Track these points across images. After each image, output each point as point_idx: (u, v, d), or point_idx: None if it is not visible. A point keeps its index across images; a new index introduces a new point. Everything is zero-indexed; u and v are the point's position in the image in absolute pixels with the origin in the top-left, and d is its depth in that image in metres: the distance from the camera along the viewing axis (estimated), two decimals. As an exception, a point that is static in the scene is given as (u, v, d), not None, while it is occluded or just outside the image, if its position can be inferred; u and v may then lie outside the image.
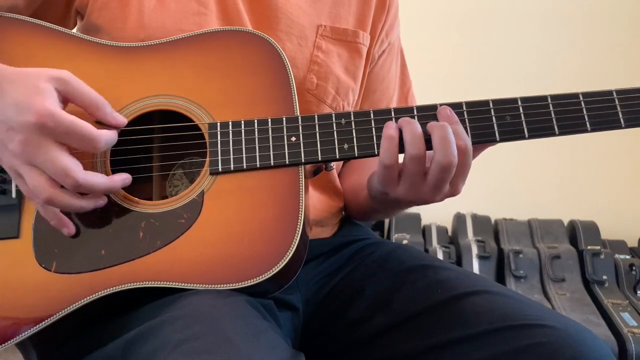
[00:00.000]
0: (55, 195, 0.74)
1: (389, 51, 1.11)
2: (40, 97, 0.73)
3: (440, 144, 0.79)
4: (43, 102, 0.72)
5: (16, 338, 0.76)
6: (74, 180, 0.73)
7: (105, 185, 0.77)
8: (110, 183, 0.78)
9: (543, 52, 2.53)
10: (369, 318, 0.91)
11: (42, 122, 0.71)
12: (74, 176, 0.73)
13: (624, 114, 0.84)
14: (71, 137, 0.73)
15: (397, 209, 1.03)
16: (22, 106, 0.72)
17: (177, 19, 0.92)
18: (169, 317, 0.69)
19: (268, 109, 0.85)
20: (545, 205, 2.44)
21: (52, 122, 0.72)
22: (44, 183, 0.74)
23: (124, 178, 0.80)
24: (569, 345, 0.76)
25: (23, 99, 0.73)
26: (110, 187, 0.78)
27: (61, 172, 0.73)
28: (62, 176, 0.73)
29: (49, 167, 0.73)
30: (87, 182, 0.74)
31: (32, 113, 0.71)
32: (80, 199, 0.77)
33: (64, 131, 0.72)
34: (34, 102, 0.72)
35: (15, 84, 0.74)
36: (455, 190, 0.84)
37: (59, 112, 0.73)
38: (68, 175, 0.73)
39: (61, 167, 0.73)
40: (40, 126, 0.72)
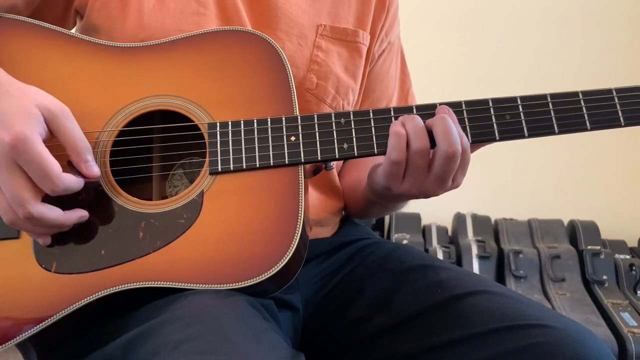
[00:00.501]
0: (15, 220, 0.75)
1: (388, 50, 1.11)
2: (24, 120, 0.73)
3: (442, 134, 0.80)
4: (23, 126, 0.72)
5: (16, 338, 0.76)
6: (26, 211, 0.73)
7: (58, 221, 0.76)
8: (63, 219, 0.77)
9: (542, 52, 2.53)
10: (369, 318, 0.91)
11: (14, 144, 0.71)
12: (27, 208, 0.73)
13: (624, 112, 0.84)
14: (32, 167, 0.72)
15: (398, 203, 1.03)
16: (4, 123, 0.72)
17: (177, 19, 0.93)
18: (169, 317, 0.69)
19: (267, 108, 0.85)
20: (545, 205, 2.44)
21: (21, 146, 0.72)
22: (5, 206, 0.74)
23: (81, 216, 0.79)
24: (569, 345, 0.76)
25: (8, 116, 0.73)
26: (64, 223, 0.77)
27: (16, 201, 0.73)
28: (16, 204, 0.73)
29: (8, 192, 0.73)
30: (41, 215, 0.74)
31: (10, 132, 0.72)
32: (37, 227, 0.76)
33: (27, 159, 0.72)
34: (16, 123, 0.72)
35: (10, 98, 0.75)
36: (456, 184, 0.85)
37: (33, 140, 0.72)
38: (22, 205, 0.73)
39: (17, 196, 0.73)
40: (11, 147, 0.71)
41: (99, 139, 0.85)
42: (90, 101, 0.87)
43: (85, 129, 0.83)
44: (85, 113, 0.84)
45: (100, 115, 0.86)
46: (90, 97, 0.87)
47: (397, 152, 0.81)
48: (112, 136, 0.85)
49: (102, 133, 0.85)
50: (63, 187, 0.74)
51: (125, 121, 0.85)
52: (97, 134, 0.85)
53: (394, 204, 1.04)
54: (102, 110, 0.86)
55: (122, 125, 0.85)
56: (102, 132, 0.85)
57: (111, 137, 0.85)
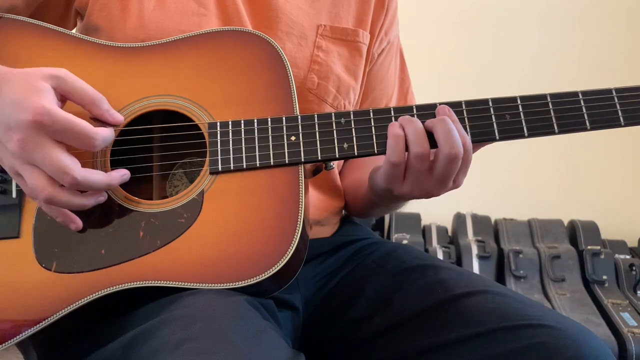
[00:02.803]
0: (54, 194, 0.74)
1: (388, 50, 1.11)
2: (37, 95, 0.73)
3: (444, 137, 0.80)
4: (40, 100, 0.72)
5: (16, 338, 0.76)
6: (72, 177, 0.73)
7: (103, 182, 0.77)
8: (108, 180, 0.77)
9: (542, 52, 2.53)
10: (369, 318, 0.92)
11: (39, 120, 0.71)
12: (72, 174, 0.73)
13: (624, 112, 0.84)
14: (68, 134, 0.73)
15: (399, 204, 1.04)
16: (19, 105, 0.72)
17: (177, 20, 0.93)
18: (169, 317, 0.69)
19: (268, 108, 0.85)
20: (545, 205, 2.43)
21: (48, 120, 0.72)
22: (43, 182, 0.74)
23: (123, 174, 0.80)
24: (569, 345, 0.76)
25: (20, 97, 0.73)
26: (109, 183, 0.78)
27: (59, 170, 0.73)
28: (60, 174, 0.73)
29: (47, 165, 0.73)
30: (85, 179, 0.74)
31: (29, 112, 0.71)
32: (80, 196, 0.76)
33: (60, 129, 0.72)
34: (31, 100, 0.72)
35: (12, 83, 0.74)
36: (457, 184, 0.85)
37: (56, 109, 0.73)
38: (66, 173, 0.73)
39: (59, 165, 0.72)
40: (37, 124, 0.71)
41: (100, 138, 0.84)
42: None
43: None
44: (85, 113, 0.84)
45: None
46: None
47: (397, 154, 0.81)
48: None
49: None
50: (102, 140, 0.75)
51: (125, 121, 0.85)
52: None
53: (395, 204, 1.04)
54: None
55: (123, 125, 0.85)
56: None
57: (112, 136, 0.85)
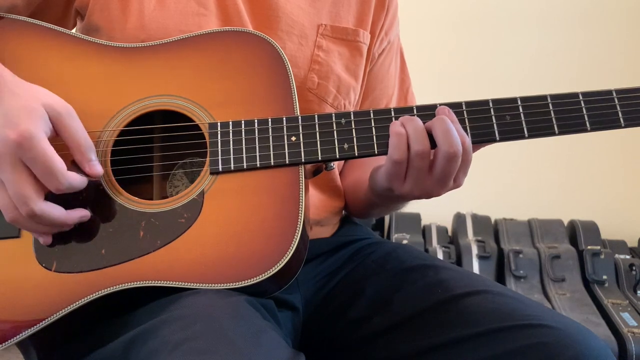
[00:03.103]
0: (17, 218, 0.75)
1: (388, 50, 1.11)
2: (30, 119, 0.73)
3: (442, 135, 0.80)
4: (29, 125, 0.72)
5: (16, 337, 0.76)
6: (30, 209, 0.73)
7: (60, 220, 0.76)
8: (65, 218, 0.77)
9: (542, 52, 2.53)
10: (369, 318, 0.92)
11: (20, 142, 0.71)
12: (31, 206, 0.73)
13: (624, 113, 0.84)
14: (38, 166, 0.73)
15: (399, 204, 1.04)
16: (10, 121, 0.72)
17: (177, 20, 0.93)
18: (169, 317, 0.69)
19: (268, 108, 0.85)
20: (545, 205, 2.43)
21: (27, 144, 0.72)
22: (8, 204, 0.74)
23: (82, 215, 0.79)
24: (569, 345, 0.76)
25: (14, 115, 0.73)
26: (66, 222, 0.77)
27: (20, 199, 0.73)
28: (20, 202, 0.73)
29: (10, 188, 0.73)
30: (42, 213, 0.74)
31: (15, 130, 0.72)
32: (39, 225, 0.76)
33: (32, 156, 0.72)
34: (22, 121, 0.72)
35: (15, 97, 0.75)
36: (458, 184, 0.85)
37: (39, 138, 0.72)
38: (25, 203, 0.73)
39: (21, 194, 0.73)
40: (17, 145, 0.72)
41: (100, 138, 0.85)
42: (92, 101, 0.87)
43: (87, 129, 0.83)
44: (86, 113, 0.84)
45: (102, 115, 0.86)
46: (91, 97, 0.87)
47: (399, 152, 0.81)
48: (113, 136, 0.85)
49: (103, 133, 0.85)
50: (67, 185, 0.75)
51: (126, 121, 0.85)
52: (98, 133, 0.85)
53: (395, 204, 1.04)
54: (103, 110, 0.86)
55: (123, 125, 0.85)
56: (103, 131, 0.85)
57: (112, 136, 0.85)
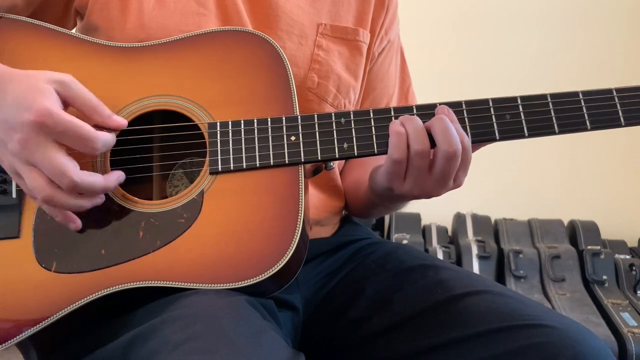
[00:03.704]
0: (53, 195, 0.75)
1: (388, 49, 1.11)
2: (41, 96, 0.73)
3: (442, 134, 0.80)
4: (43, 102, 0.72)
5: (16, 338, 0.76)
6: (70, 180, 0.73)
7: (101, 185, 0.77)
8: (105, 182, 0.78)
9: (542, 52, 2.53)
10: (369, 318, 0.91)
11: (41, 121, 0.72)
12: (70, 176, 0.73)
13: (624, 112, 0.84)
14: (69, 136, 0.73)
15: (399, 204, 1.03)
16: (22, 105, 0.72)
17: (177, 19, 0.93)
18: (169, 317, 0.69)
19: (268, 108, 0.85)
20: (545, 205, 2.43)
21: (50, 121, 0.72)
22: (42, 183, 0.74)
23: (118, 176, 0.80)
24: (569, 345, 0.76)
25: (23, 98, 0.73)
26: (106, 186, 0.78)
27: (58, 172, 0.73)
28: (58, 176, 0.73)
29: (46, 166, 0.73)
30: (83, 181, 0.74)
31: (32, 112, 0.72)
32: (78, 198, 0.77)
33: (62, 130, 0.72)
34: (34, 101, 0.72)
35: (16, 83, 0.75)
36: (458, 184, 0.85)
37: (58, 111, 0.73)
38: (64, 175, 0.73)
39: (58, 167, 0.73)
40: (39, 125, 0.72)
41: (99, 138, 0.84)
42: None
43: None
44: None
45: None
46: None
47: (399, 151, 0.81)
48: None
49: None
50: (102, 143, 0.76)
51: (125, 121, 0.85)
52: None
53: (395, 204, 1.04)
54: None
55: (123, 125, 0.85)
56: None
57: (111, 136, 0.85)
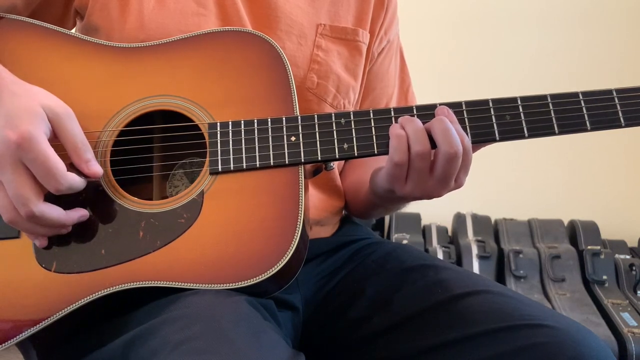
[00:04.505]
0: (15, 220, 0.75)
1: (388, 49, 1.11)
2: (30, 119, 0.73)
3: (442, 135, 0.80)
4: (29, 125, 0.72)
5: (16, 338, 0.76)
6: (28, 210, 0.73)
7: (60, 221, 0.76)
8: (65, 219, 0.77)
9: (542, 52, 2.53)
10: (369, 318, 0.91)
11: (20, 143, 0.72)
12: (29, 207, 0.73)
13: (624, 112, 0.84)
14: (37, 166, 0.73)
15: (400, 205, 1.03)
16: (10, 121, 0.73)
17: (177, 20, 0.93)
18: (169, 317, 0.69)
19: (268, 108, 0.85)
20: (545, 205, 2.43)
21: (27, 145, 0.72)
22: (7, 205, 0.74)
23: (81, 215, 0.79)
24: (569, 345, 0.76)
25: (14, 115, 0.73)
26: (65, 222, 0.77)
27: (19, 200, 0.73)
28: (19, 203, 0.73)
29: (10, 189, 0.73)
30: (42, 214, 0.74)
31: (16, 131, 0.72)
32: (38, 227, 0.76)
33: (32, 157, 0.72)
34: (21, 122, 0.72)
35: (15, 98, 0.75)
36: (459, 184, 0.85)
37: (40, 139, 0.73)
38: (24, 204, 0.73)
39: (20, 194, 0.73)
40: (17, 146, 0.72)
41: (100, 138, 0.85)
42: (91, 101, 0.87)
43: (86, 129, 0.83)
44: (86, 113, 0.84)
45: (101, 115, 0.86)
46: (91, 97, 0.87)
47: (400, 154, 0.81)
48: (113, 136, 0.85)
49: (103, 133, 0.85)
50: (67, 186, 0.75)
51: (125, 121, 0.85)
52: (98, 133, 0.85)
53: (396, 205, 1.04)
54: (102, 110, 0.86)
55: (123, 125, 0.85)
56: (103, 132, 0.85)
57: (112, 137, 0.85)
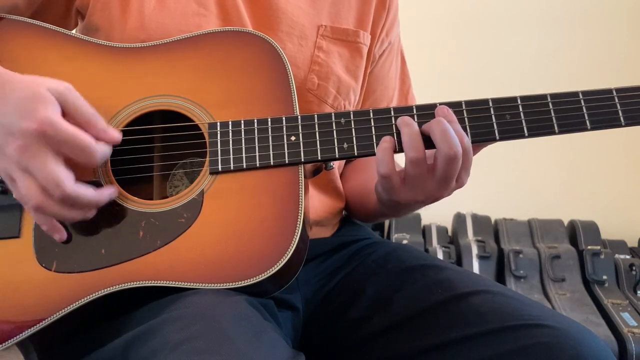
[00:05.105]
0: (44, 204, 0.75)
1: (389, 51, 1.11)
2: (43, 105, 0.73)
3: (441, 137, 0.80)
4: (45, 110, 0.72)
5: (16, 338, 0.76)
6: (62, 191, 0.73)
7: (93, 199, 0.77)
8: (98, 197, 0.78)
9: (542, 52, 2.53)
10: (369, 318, 0.91)
11: (43, 130, 0.72)
12: (63, 187, 0.73)
13: (624, 112, 0.84)
14: (69, 147, 0.73)
15: (408, 211, 1.02)
16: (24, 112, 0.72)
17: (177, 20, 0.93)
18: (169, 317, 0.69)
19: (268, 108, 0.85)
20: (545, 205, 2.43)
21: (52, 131, 0.72)
22: (34, 190, 0.74)
23: (112, 192, 0.80)
24: (569, 345, 0.76)
25: (25, 105, 0.73)
26: (98, 200, 0.78)
27: (52, 182, 0.73)
28: (52, 186, 0.73)
29: (41, 175, 0.73)
30: (76, 194, 0.74)
31: (34, 120, 0.72)
32: (68, 209, 0.76)
33: (62, 140, 0.73)
34: (35, 110, 0.72)
35: (17, 89, 0.74)
36: (460, 184, 0.85)
37: (60, 121, 0.73)
38: (58, 185, 0.73)
39: (53, 177, 0.73)
40: (40, 134, 0.72)
41: (100, 138, 0.84)
42: (92, 101, 0.86)
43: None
44: None
45: (101, 115, 0.85)
46: (91, 98, 0.86)
47: (384, 166, 0.82)
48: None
49: None
50: (101, 155, 0.76)
51: (126, 121, 0.85)
52: None
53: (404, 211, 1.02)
54: (103, 111, 0.86)
55: (123, 125, 0.85)
56: None
57: (112, 136, 0.85)
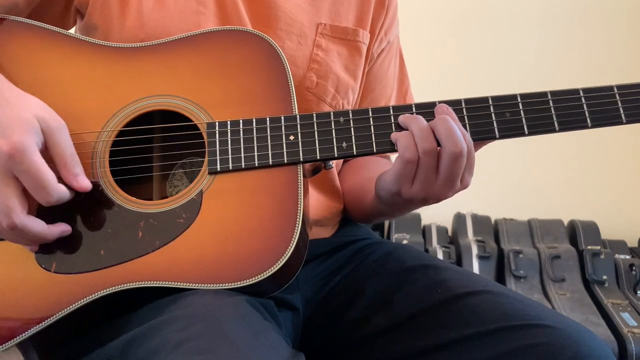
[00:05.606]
0: None
1: (388, 50, 1.11)
2: (23, 130, 0.73)
3: (446, 134, 0.80)
4: (21, 135, 0.72)
5: (16, 338, 0.76)
6: (11, 221, 0.73)
7: (39, 234, 0.76)
8: (46, 233, 0.77)
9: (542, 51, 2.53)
10: (369, 318, 0.91)
11: (11, 154, 0.71)
12: (12, 218, 0.73)
13: (625, 109, 0.84)
14: (28, 178, 0.73)
15: (406, 210, 1.02)
16: (3, 130, 0.72)
17: (176, 19, 0.93)
18: (168, 317, 0.69)
19: (267, 108, 0.85)
20: (545, 205, 2.43)
21: (19, 157, 0.71)
22: None
23: (63, 230, 0.79)
24: (569, 345, 0.76)
25: (8, 125, 0.73)
26: (46, 235, 0.77)
27: (3, 209, 0.73)
28: (2, 214, 0.73)
29: None
30: (23, 226, 0.74)
31: (8, 142, 0.71)
32: (16, 237, 0.76)
33: (25, 169, 0.72)
34: (13, 132, 0.72)
35: (9, 106, 0.75)
36: (464, 184, 0.84)
37: (32, 150, 0.72)
38: (7, 214, 0.73)
39: (6, 204, 0.73)
40: (8, 157, 0.71)
41: (99, 139, 0.84)
42: (90, 101, 0.87)
43: (85, 129, 0.83)
44: (85, 113, 0.85)
45: (100, 116, 0.86)
46: (90, 98, 0.87)
47: (410, 151, 0.81)
48: (112, 136, 0.85)
49: (102, 133, 0.85)
50: (57, 198, 0.75)
51: (124, 121, 0.85)
52: (97, 134, 0.85)
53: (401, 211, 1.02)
54: (101, 111, 0.86)
55: (122, 126, 0.85)
56: (102, 132, 0.85)
57: (111, 137, 0.85)
